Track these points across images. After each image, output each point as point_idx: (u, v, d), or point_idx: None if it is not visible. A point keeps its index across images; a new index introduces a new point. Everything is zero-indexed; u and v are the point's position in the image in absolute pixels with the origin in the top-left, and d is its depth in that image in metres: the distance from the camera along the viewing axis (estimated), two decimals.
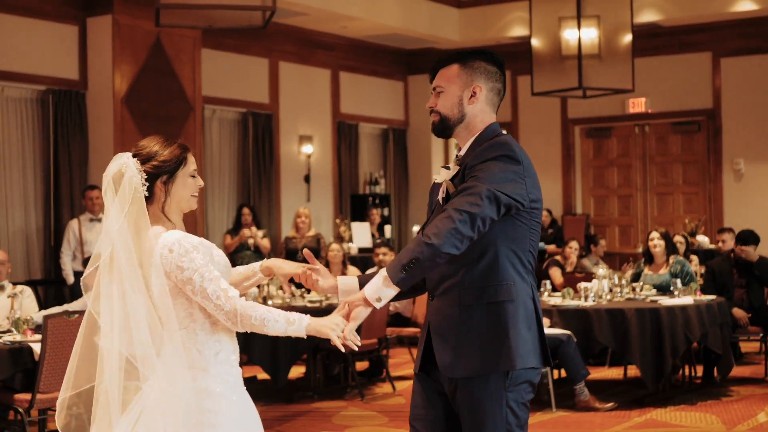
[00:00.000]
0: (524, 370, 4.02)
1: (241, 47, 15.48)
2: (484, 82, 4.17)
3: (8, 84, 12.52)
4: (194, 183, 4.04)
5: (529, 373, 4.06)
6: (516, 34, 16.94)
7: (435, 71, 4.26)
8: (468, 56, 4.21)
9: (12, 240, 12.52)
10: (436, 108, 4.19)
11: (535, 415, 9.40)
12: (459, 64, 4.18)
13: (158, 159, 3.94)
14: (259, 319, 3.86)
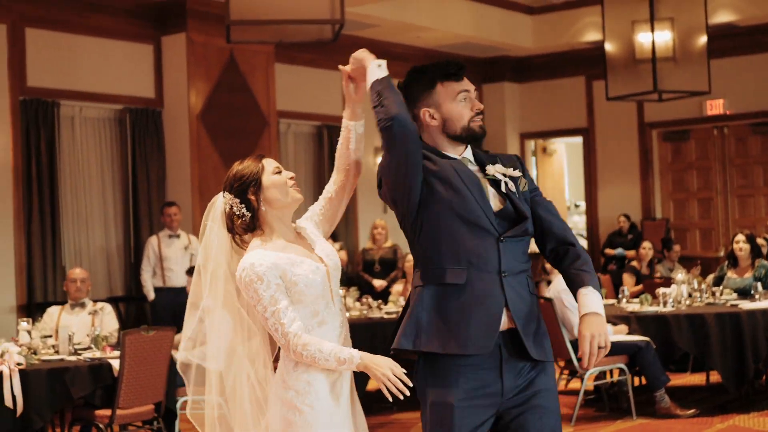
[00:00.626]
0: None
1: (314, 61, 15.56)
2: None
3: (86, 104, 12.72)
4: (281, 178, 4.16)
5: None
6: (589, 39, 16.83)
7: (463, 73, 4.30)
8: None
9: (93, 258, 12.70)
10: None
11: (615, 423, 9.32)
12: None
13: (237, 176, 4.14)
14: (309, 357, 3.94)
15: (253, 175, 4.14)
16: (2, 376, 7.39)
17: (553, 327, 9.56)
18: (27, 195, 11.98)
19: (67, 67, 12.50)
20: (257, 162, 4.20)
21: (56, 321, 9.36)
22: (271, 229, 4.15)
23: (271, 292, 3.96)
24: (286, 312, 3.96)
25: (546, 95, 18.53)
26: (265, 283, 3.96)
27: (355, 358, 3.93)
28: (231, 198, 4.15)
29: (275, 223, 4.16)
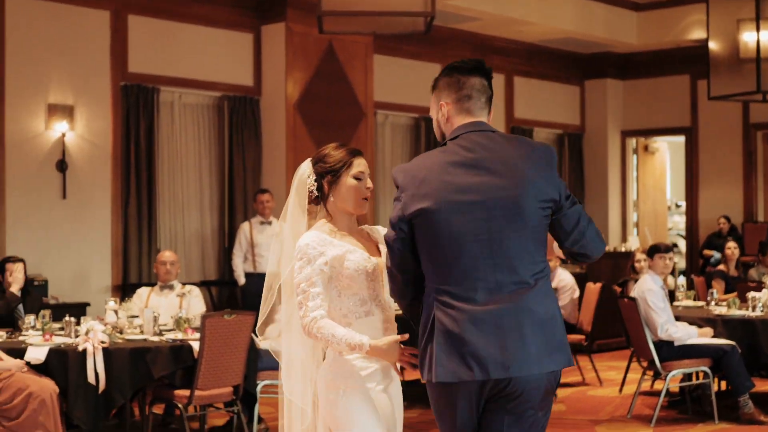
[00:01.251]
0: None
1: (414, 53, 15.60)
2: (446, 96, 4.10)
3: (186, 91, 12.93)
4: (358, 185, 4.31)
5: None
6: (695, 37, 16.57)
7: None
8: (436, 79, 4.20)
9: (187, 242, 12.92)
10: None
11: (697, 427, 9.21)
12: (434, 89, 4.19)
13: (326, 160, 4.34)
14: (324, 340, 4.17)
15: (336, 165, 4.33)
16: (86, 354, 7.58)
17: (636, 326, 9.49)
18: (125, 179, 12.23)
19: (168, 54, 12.73)
20: (348, 156, 4.36)
21: (145, 302, 9.55)
22: (335, 216, 4.37)
23: (312, 273, 4.18)
24: (315, 297, 4.17)
25: (649, 93, 18.31)
26: (310, 264, 4.19)
27: (365, 344, 4.10)
28: (311, 171, 4.40)
29: (339, 215, 4.36)
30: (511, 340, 3.81)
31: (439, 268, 3.90)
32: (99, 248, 12.06)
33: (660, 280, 9.61)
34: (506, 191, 3.89)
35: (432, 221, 3.89)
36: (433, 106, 4.17)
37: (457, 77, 4.10)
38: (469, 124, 4.05)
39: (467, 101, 4.07)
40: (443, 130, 4.12)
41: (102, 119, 12.08)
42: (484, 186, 3.90)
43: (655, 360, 9.33)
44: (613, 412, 10.04)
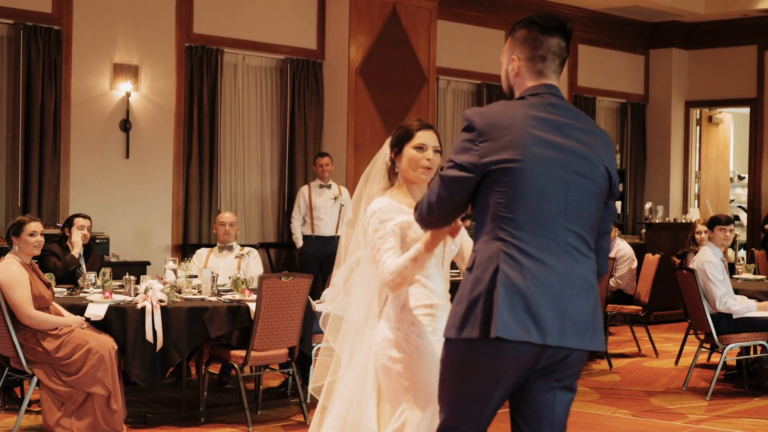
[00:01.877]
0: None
1: (478, 19, 15.53)
2: (520, 52, 3.91)
3: (249, 53, 12.99)
4: (416, 155, 4.55)
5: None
6: (763, 7, 16.34)
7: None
8: (515, 25, 3.99)
9: (247, 204, 13.01)
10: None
11: (753, 401, 9.18)
12: (510, 36, 3.99)
13: (396, 132, 4.65)
14: (398, 274, 4.33)
15: (400, 137, 4.63)
16: (144, 312, 7.68)
17: (694, 298, 9.44)
18: (188, 139, 12.33)
19: (233, 16, 12.78)
20: (413, 129, 4.62)
21: (204, 262, 9.65)
22: (406, 185, 4.63)
23: (386, 233, 4.44)
24: (388, 252, 4.38)
25: (715, 63, 18.08)
26: (382, 225, 4.44)
27: (419, 245, 4.23)
28: (389, 142, 4.71)
29: (409, 184, 4.62)
30: (572, 309, 3.70)
31: (513, 221, 3.70)
32: (160, 208, 12.20)
33: (720, 252, 9.54)
34: (585, 160, 3.81)
35: (515, 173, 3.70)
36: (505, 54, 4.00)
37: (536, 34, 3.90)
38: (546, 86, 3.90)
39: (541, 62, 3.91)
40: (511, 83, 3.98)
41: (166, 80, 12.18)
42: (567, 148, 3.78)
43: (713, 333, 9.28)
44: (668, 384, 10.02)
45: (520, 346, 3.64)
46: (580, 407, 8.77)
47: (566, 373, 3.80)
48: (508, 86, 4.02)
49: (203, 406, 8.19)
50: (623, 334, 12.94)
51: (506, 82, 4.03)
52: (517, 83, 3.95)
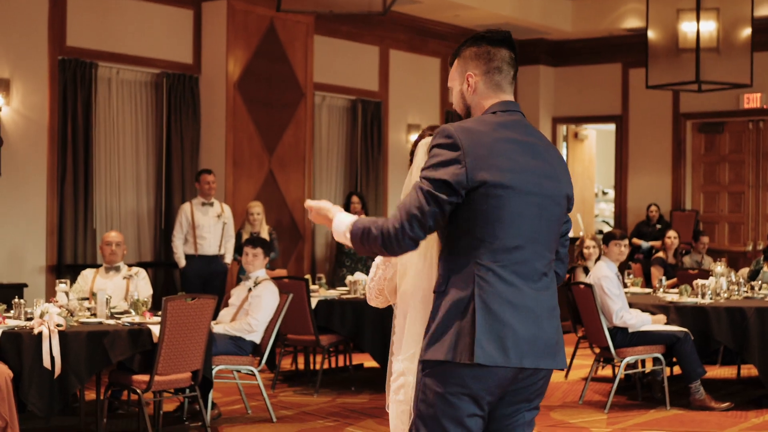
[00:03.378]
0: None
1: (353, 35, 15.46)
2: (474, 68, 3.90)
3: (123, 67, 12.63)
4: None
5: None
6: (630, 26, 16.67)
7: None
8: (460, 47, 3.99)
9: (124, 222, 12.63)
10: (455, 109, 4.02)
11: (649, 412, 9.26)
12: (457, 59, 3.97)
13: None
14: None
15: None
16: (42, 337, 7.33)
17: (591, 313, 9.50)
18: (61, 155, 11.91)
19: (107, 28, 12.41)
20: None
21: (90, 284, 9.31)
22: None
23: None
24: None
25: (581, 80, 18.38)
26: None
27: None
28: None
29: None
30: (542, 331, 3.71)
31: (489, 244, 3.68)
32: (34, 227, 11.74)
33: (615, 267, 9.63)
34: (553, 182, 3.81)
35: (495, 198, 3.67)
36: (456, 77, 3.95)
37: (487, 48, 3.91)
38: (509, 103, 3.88)
39: (498, 74, 3.89)
40: (468, 102, 3.91)
41: (38, 94, 11.75)
42: (541, 172, 3.78)
43: (610, 346, 9.34)
44: (563, 397, 10.05)
45: (498, 369, 3.64)
46: None
47: (536, 393, 3.82)
48: (464, 107, 3.96)
49: None
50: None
51: (462, 104, 3.96)
52: (475, 101, 3.91)
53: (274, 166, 13.65)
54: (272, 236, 12.56)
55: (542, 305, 3.73)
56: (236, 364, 8.84)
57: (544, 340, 3.71)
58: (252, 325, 8.87)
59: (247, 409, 9.24)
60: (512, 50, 3.94)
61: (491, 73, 3.88)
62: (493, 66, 3.88)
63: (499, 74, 3.89)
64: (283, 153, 13.77)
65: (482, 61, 3.90)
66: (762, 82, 15.85)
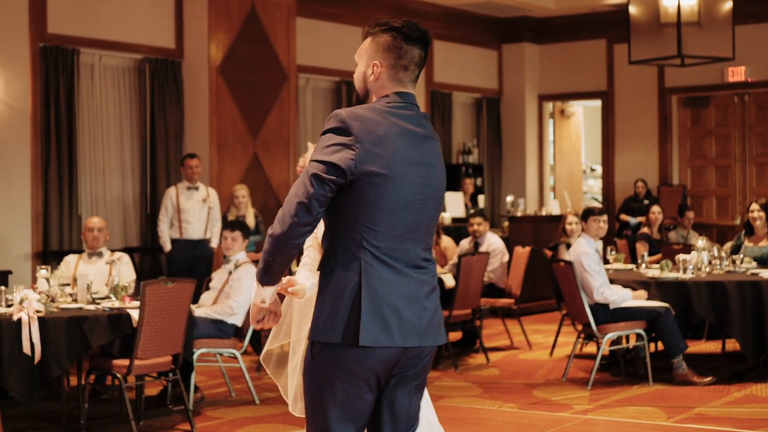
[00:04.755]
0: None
1: (335, 16, 15.45)
2: (382, 59, 3.94)
3: (106, 53, 12.62)
4: None
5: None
6: (613, 2, 16.67)
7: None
8: (377, 28, 4.01)
9: (109, 208, 12.64)
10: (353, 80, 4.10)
11: (632, 388, 9.30)
12: (371, 38, 4.00)
13: None
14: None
15: None
16: (21, 323, 7.36)
17: (572, 290, 9.53)
18: (45, 143, 11.91)
19: (88, 14, 12.40)
20: None
21: (73, 270, 9.32)
22: None
23: None
24: None
25: (566, 57, 18.39)
26: None
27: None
28: None
29: None
30: (425, 311, 3.90)
31: (375, 231, 3.82)
32: (18, 215, 11.74)
33: (594, 243, 9.65)
34: (436, 172, 3.99)
35: (383, 186, 3.81)
36: (365, 57, 4.00)
37: (401, 43, 3.95)
38: (407, 95, 3.97)
39: (403, 71, 3.96)
40: (368, 86, 3.98)
41: (20, 81, 11.74)
42: (426, 162, 3.94)
43: (591, 323, 9.38)
44: (547, 375, 10.09)
45: (383, 350, 3.82)
46: (466, 402, 8.78)
47: (421, 370, 3.98)
48: (364, 89, 4.03)
49: (84, 418, 7.90)
50: (495, 327, 13.00)
51: (362, 84, 4.04)
52: (375, 88, 3.99)
53: (258, 149, 13.66)
54: (258, 219, 12.58)
55: (423, 288, 3.91)
56: (218, 347, 8.88)
57: (426, 320, 3.90)
58: (233, 307, 8.91)
59: (231, 392, 9.29)
60: (425, 49, 4.01)
61: (396, 69, 3.96)
62: (401, 63, 3.96)
63: (404, 72, 3.97)
64: (267, 136, 13.78)
65: (392, 55, 3.95)
66: (745, 55, 15.88)
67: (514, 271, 11.82)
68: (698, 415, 8.20)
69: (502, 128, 18.54)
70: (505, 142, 18.52)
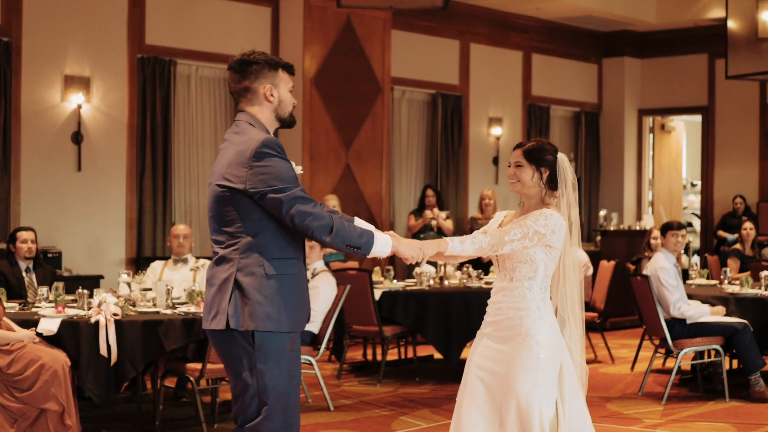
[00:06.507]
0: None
1: (432, 29, 15.57)
2: (285, 88, 4.95)
3: (203, 64, 12.93)
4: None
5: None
6: (713, 16, 16.50)
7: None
8: (276, 63, 5.00)
9: (202, 216, 12.92)
10: None
11: (708, 404, 9.22)
12: (282, 71, 4.95)
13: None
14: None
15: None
16: (98, 326, 7.60)
17: (649, 304, 9.49)
18: (141, 151, 12.26)
19: (186, 26, 12.73)
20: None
21: (159, 275, 9.58)
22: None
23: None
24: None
25: (667, 72, 18.24)
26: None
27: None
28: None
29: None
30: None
31: (285, 235, 4.62)
32: (113, 221, 12.11)
33: (673, 258, 9.59)
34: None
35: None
36: (286, 86, 4.85)
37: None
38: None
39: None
40: (280, 113, 4.79)
41: (118, 91, 12.11)
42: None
43: (667, 338, 9.33)
44: (624, 389, 10.06)
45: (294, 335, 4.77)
46: None
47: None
48: (278, 116, 4.88)
49: (159, 420, 8.12)
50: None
51: (277, 113, 4.87)
52: (280, 112, 4.88)
53: (351, 160, 13.84)
54: None
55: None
56: None
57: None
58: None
59: (308, 398, 9.43)
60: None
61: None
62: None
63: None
64: (361, 147, 13.95)
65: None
66: None
67: (599, 285, 11.78)
68: None
69: (601, 142, 18.45)
70: (603, 156, 18.43)
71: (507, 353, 4.93)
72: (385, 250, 4.65)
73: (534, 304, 4.93)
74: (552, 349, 4.92)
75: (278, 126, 4.82)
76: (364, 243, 4.59)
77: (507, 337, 4.96)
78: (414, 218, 13.95)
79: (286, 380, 4.59)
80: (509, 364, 4.91)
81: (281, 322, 4.56)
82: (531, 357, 4.87)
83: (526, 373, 4.86)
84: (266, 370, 4.56)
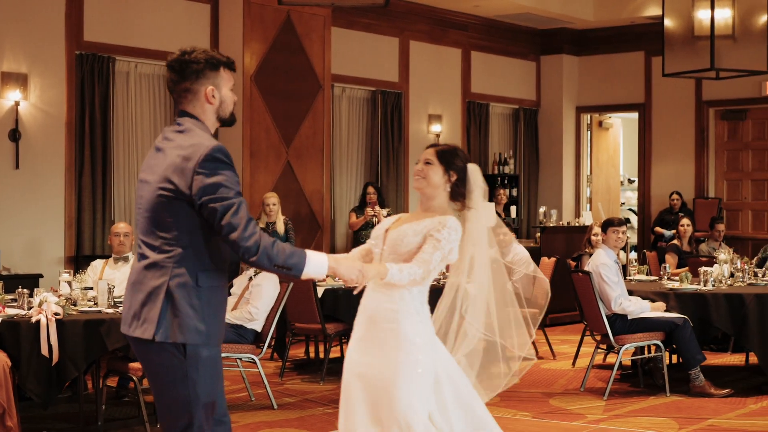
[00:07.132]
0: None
1: (372, 26, 15.58)
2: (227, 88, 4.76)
3: (142, 61, 12.83)
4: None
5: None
6: (650, 14, 16.67)
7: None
8: (221, 62, 4.80)
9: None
10: None
11: (648, 399, 9.32)
12: (226, 70, 4.77)
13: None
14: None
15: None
16: (39, 326, 7.51)
17: (590, 300, 9.57)
18: (80, 149, 12.14)
19: (124, 23, 12.62)
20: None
21: (99, 274, 9.49)
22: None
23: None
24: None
25: (604, 69, 18.41)
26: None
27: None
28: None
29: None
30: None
31: (219, 246, 4.48)
32: (52, 219, 11.98)
33: (614, 254, 9.69)
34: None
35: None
36: (227, 85, 4.70)
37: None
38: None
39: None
40: (221, 113, 4.65)
41: (56, 88, 11.98)
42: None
43: (609, 333, 9.42)
44: (566, 385, 10.14)
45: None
46: None
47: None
48: (219, 116, 4.70)
49: (101, 420, 8.07)
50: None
51: (218, 112, 4.68)
52: (221, 113, 4.70)
53: (291, 158, 13.80)
54: (288, 226, 12.71)
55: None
56: (237, 352, 9.00)
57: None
58: (252, 313, 9.03)
59: (251, 396, 9.41)
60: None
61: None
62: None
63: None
64: (301, 144, 13.92)
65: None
66: None
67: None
68: (710, 427, 8.22)
69: (539, 139, 18.58)
70: (542, 153, 18.56)
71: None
72: (320, 272, 4.45)
73: (413, 307, 5.00)
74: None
75: (218, 125, 4.69)
76: (294, 264, 4.36)
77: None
78: (355, 215, 13.96)
79: (216, 386, 4.46)
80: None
81: (210, 335, 4.38)
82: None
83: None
84: (198, 379, 4.37)
